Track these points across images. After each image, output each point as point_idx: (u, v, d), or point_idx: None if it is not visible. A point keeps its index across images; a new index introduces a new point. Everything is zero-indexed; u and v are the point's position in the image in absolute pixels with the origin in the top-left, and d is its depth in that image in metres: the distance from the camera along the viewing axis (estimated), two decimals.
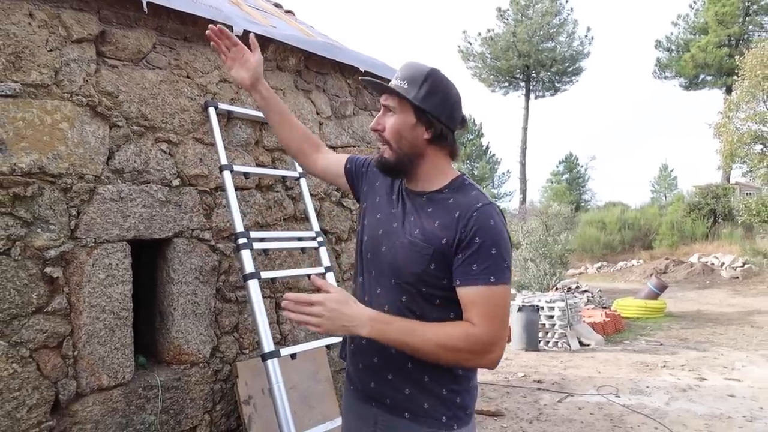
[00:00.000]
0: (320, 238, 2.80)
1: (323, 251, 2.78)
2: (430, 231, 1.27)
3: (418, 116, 1.30)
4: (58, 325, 2.02)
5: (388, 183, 1.44)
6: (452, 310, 1.27)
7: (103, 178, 2.17)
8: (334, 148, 3.23)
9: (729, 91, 22.51)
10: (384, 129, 1.32)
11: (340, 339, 2.59)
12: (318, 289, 1.24)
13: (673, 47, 28.43)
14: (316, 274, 2.77)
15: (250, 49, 1.55)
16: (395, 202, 1.38)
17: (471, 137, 34.98)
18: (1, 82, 1.90)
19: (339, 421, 2.46)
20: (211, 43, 1.53)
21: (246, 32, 2.61)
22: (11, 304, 1.90)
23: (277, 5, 3.88)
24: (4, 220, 1.89)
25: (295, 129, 1.62)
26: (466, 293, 1.23)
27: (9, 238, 1.90)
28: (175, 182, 2.42)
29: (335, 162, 1.62)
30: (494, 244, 1.22)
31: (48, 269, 1.99)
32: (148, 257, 2.51)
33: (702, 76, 27.40)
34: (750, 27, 25.36)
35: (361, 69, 3.27)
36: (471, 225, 1.22)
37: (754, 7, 24.83)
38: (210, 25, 1.52)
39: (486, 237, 1.22)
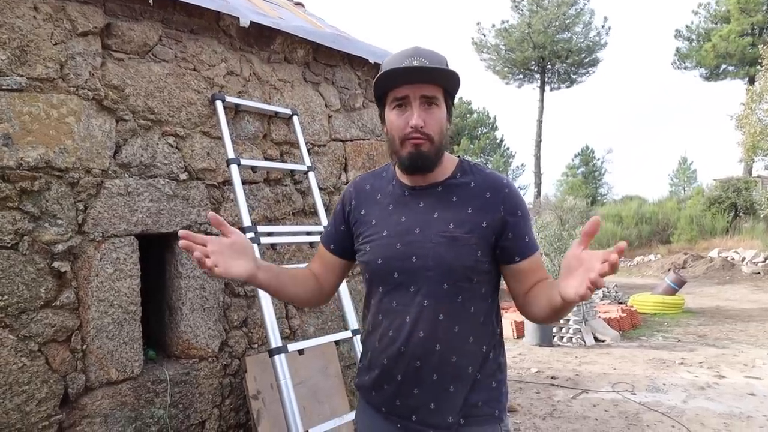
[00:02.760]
0: None
1: None
2: (467, 219, 1.21)
3: (448, 105, 1.24)
4: (67, 320, 2.03)
5: (374, 197, 1.33)
6: (490, 296, 1.28)
7: (110, 172, 2.16)
8: (343, 141, 3.20)
9: (752, 81, 21.92)
10: (425, 125, 1.18)
11: (348, 334, 2.58)
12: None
13: (694, 37, 27.72)
14: None
15: (226, 234, 1.14)
16: (399, 210, 1.27)
17: (485, 130, 34.69)
18: (7, 76, 1.89)
19: (348, 417, 2.44)
20: (194, 253, 1.07)
21: (253, 24, 2.59)
22: (20, 298, 1.91)
23: None
24: (11, 215, 1.89)
25: (301, 282, 1.36)
26: (527, 264, 1.25)
27: (17, 232, 1.91)
28: (183, 176, 2.40)
29: (327, 265, 1.40)
30: (528, 214, 1.28)
31: (56, 263, 1.99)
32: (156, 251, 2.50)
33: (723, 67, 26.68)
34: None
35: (370, 61, 3.23)
36: (509, 201, 1.25)
37: None
38: (180, 232, 1.08)
39: (523, 209, 1.27)
